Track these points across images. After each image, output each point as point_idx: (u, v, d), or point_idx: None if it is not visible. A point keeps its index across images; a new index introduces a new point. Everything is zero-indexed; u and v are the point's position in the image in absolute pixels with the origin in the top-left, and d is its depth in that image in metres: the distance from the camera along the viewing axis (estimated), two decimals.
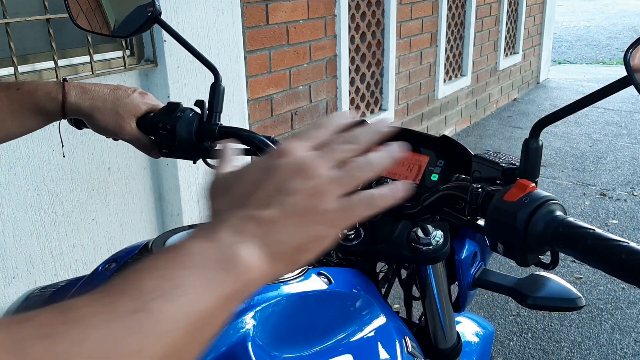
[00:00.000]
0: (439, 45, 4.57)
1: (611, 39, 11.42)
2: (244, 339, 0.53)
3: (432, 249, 0.74)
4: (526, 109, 6.15)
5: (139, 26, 0.91)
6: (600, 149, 4.86)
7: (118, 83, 0.94)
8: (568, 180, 4.17)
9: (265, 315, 0.56)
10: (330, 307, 0.66)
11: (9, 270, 1.95)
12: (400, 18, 3.95)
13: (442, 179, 0.84)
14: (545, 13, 6.89)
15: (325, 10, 3.19)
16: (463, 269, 0.84)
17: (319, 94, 3.30)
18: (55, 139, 1.98)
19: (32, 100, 0.84)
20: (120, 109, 0.87)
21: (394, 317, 0.75)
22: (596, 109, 6.00)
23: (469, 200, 0.64)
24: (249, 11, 2.69)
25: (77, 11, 0.93)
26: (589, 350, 2.36)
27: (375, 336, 0.68)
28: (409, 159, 0.88)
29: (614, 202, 3.78)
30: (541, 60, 7.17)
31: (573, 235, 0.55)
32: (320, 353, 0.61)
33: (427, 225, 0.75)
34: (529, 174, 0.64)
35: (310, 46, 3.15)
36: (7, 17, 1.83)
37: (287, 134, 3.12)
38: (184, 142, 0.89)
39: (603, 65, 9.36)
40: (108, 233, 2.27)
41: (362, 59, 3.70)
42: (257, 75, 2.82)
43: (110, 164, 2.23)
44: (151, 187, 2.44)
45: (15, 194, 1.93)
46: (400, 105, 4.20)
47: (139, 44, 2.28)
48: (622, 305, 2.67)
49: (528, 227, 0.57)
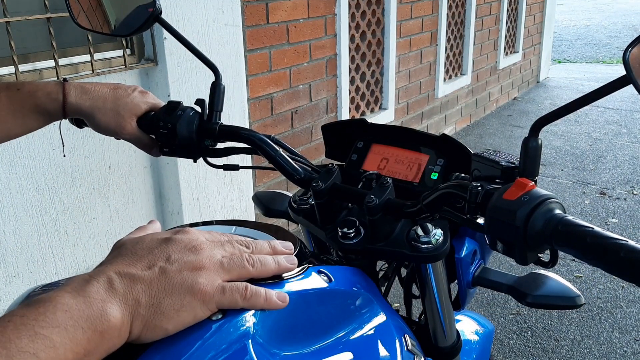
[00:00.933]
0: (439, 44, 4.56)
1: (611, 37, 11.41)
2: (244, 336, 0.53)
3: (431, 247, 0.74)
4: (526, 107, 6.15)
5: (139, 25, 0.91)
6: (600, 148, 4.86)
7: (118, 82, 0.95)
8: (568, 179, 4.17)
9: (266, 313, 0.56)
10: (331, 305, 0.66)
11: (10, 268, 1.95)
12: (401, 17, 3.95)
13: (441, 178, 0.84)
14: (545, 12, 6.89)
15: (325, 9, 3.19)
16: (463, 268, 0.85)
17: (319, 93, 3.30)
18: (56, 138, 1.98)
19: (32, 101, 0.84)
20: (121, 109, 0.87)
21: (393, 315, 0.76)
22: (596, 107, 6.00)
23: (468, 198, 0.64)
24: (249, 10, 2.69)
25: (77, 10, 0.94)
26: (588, 349, 2.36)
27: (375, 334, 0.69)
28: (409, 157, 0.88)
29: (614, 201, 3.79)
30: (541, 59, 7.17)
31: (572, 233, 0.55)
32: (320, 351, 0.61)
33: (427, 223, 0.75)
34: (528, 172, 0.65)
35: (311, 45, 3.15)
36: (7, 16, 1.83)
37: (287, 132, 3.12)
38: (185, 141, 0.89)
39: (603, 64, 9.35)
40: (108, 232, 2.27)
41: (362, 58, 3.70)
42: (257, 74, 2.82)
43: (111, 162, 2.24)
44: (152, 185, 2.44)
45: (16, 192, 1.93)
46: (400, 104, 4.20)
47: (139, 43, 2.28)
48: (622, 303, 2.67)
49: (527, 226, 0.57)
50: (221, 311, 0.54)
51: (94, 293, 0.47)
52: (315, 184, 0.78)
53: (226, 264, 0.54)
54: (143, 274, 0.50)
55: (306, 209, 0.86)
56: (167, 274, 0.51)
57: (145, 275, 0.50)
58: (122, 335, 0.48)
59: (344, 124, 0.96)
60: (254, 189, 2.90)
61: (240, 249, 0.58)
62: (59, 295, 0.45)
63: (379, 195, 0.73)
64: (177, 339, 0.51)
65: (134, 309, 0.48)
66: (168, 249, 0.53)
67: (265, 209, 1.05)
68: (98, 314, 0.45)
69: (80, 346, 0.44)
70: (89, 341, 0.44)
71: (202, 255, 0.53)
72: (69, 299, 0.45)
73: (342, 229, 0.77)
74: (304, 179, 0.82)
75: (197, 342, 0.51)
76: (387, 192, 0.74)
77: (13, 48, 1.84)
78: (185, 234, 0.55)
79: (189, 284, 0.51)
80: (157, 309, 0.49)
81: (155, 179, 2.45)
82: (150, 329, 0.49)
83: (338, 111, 3.48)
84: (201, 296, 0.51)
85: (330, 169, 0.80)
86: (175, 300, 0.50)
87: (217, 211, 2.62)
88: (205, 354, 0.50)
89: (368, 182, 0.81)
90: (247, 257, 0.56)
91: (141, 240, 0.55)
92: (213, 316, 0.53)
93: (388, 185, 0.75)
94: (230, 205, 2.70)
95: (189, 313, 0.51)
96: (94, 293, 0.47)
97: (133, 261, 0.51)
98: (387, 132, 0.92)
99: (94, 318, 0.45)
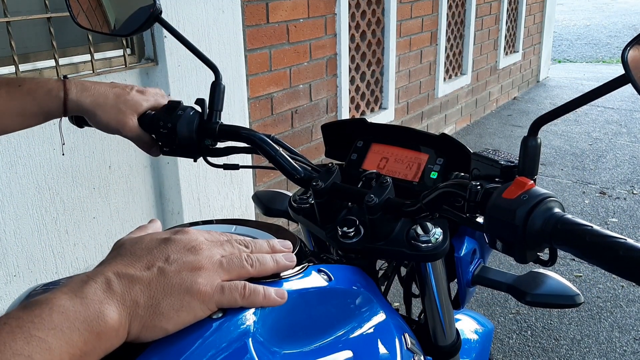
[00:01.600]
0: (439, 44, 4.56)
1: (611, 37, 11.41)
2: (244, 335, 0.53)
3: (431, 246, 0.74)
4: (526, 107, 6.15)
5: (139, 25, 0.91)
6: (600, 148, 4.86)
7: (118, 82, 0.95)
8: (568, 179, 4.18)
9: (266, 311, 0.56)
10: (330, 303, 0.66)
11: (10, 268, 1.96)
12: (401, 17, 3.95)
13: (441, 177, 0.85)
14: (545, 12, 6.89)
15: (325, 9, 3.19)
16: (462, 267, 0.85)
17: (319, 93, 3.30)
18: (56, 137, 1.98)
19: (32, 98, 0.84)
20: (122, 105, 0.87)
21: (393, 314, 0.76)
22: (596, 107, 6.00)
23: (468, 197, 0.64)
24: (249, 10, 2.69)
25: (77, 10, 0.94)
26: (588, 348, 2.36)
27: (375, 333, 0.69)
28: (408, 157, 0.88)
29: (614, 200, 3.79)
30: (541, 59, 7.17)
31: (571, 232, 0.55)
32: (320, 349, 0.61)
33: (427, 222, 0.75)
34: (527, 171, 0.65)
35: (311, 45, 3.15)
36: (8, 16, 1.84)
37: (287, 132, 3.12)
38: (185, 141, 0.89)
39: (603, 63, 9.35)
40: (109, 231, 2.27)
41: (362, 58, 3.70)
42: (257, 74, 2.82)
43: (111, 162, 2.24)
44: (152, 185, 2.44)
45: (17, 192, 1.93)
46: (400, 104, 4.20)
47: (139, 42, 2.28)
48: (622, 303, 2.67)
49: (527, 224, 0.57)
50: (221, 310, 0.54)
51: (92, 294, 0.47)
52: (315, 184, 0.78)
53: (225, 264, 0.54)
54: (142, 275, 0.50)
55: (306, 208, 0.87)
56: (165, 274, 0.51)
57: (144, 276, 0.50)
58: (120, 336, 0.48)
59: (343, 123, 0.96)
60: (254, 188, 2.90)
61: (239, 249, 0.58)
62: (55, 297, 0.45)
63: (379, 194, 0.74)
64: (177, 338, 0.51)
65: (132, 309, 0.48)
66: (167, 249, 0.53)
67: (265, 209, 1.05)
68: (95, 316, 0.45)
69: (76, 348, 0.44)
70: (86, 343, 0.44)
71: (201, 256, 0.53)
72: (66, 300, 0.45)
73: (342, 228, 0.77)
74: (304, 178, 0.82)
75: (197, 340, 0.51)
76: (387, 191, 0.74)
77: (13, 48, 1.84)
78: (184, 234, 0.55)
79: (187, 284, 0.51)
80: (156, 310, 0.49)
81: (155, 178, 2.45)
82: (150, 330, 0.49)
83: (338, 111, 3.49)
84: (200, 296, 0.51)
85: (330, 169, 0.80)
86: (174, 301, 0.50)
87: (217, 211, 2.62)
88: (205, 353, 0.50)
89: (368, 181, 0.82)
90: (245, 256, 0.56)
91: (140, 240, 0.55)
92: (213, 315, 0.53)
93: (388, 184, 0.75)
94: (231, 204, 2.70)
95: (189, 313, 0.51)
96: (91, 294, 0.47)
97: (132, 261, 0.51)
98: (386, 131, 0.92)
99: (91, 319, 0.45)
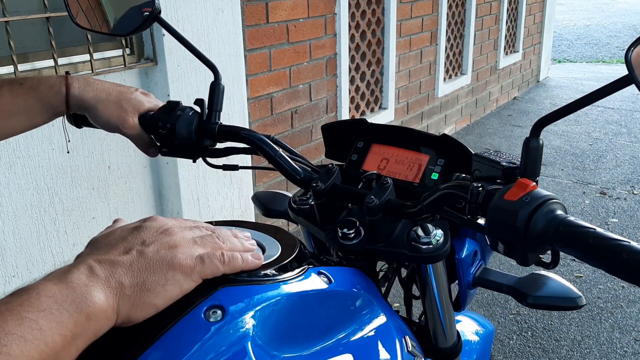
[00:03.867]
0: (439, 44, 4.56)
1: (611, 37, 11.41)
2: (243, 338, 0.52)
3: (432, 248, 0.74)
4: (526, 107, 6.15)
5: (138, 25, 0.91)
6: (600, 148, 4.86)
7: (118, 81, 0.94)
8: (568, 179, 4.17)
9: (265, 314, 0.56)
10: (331, 306, 0.66)
11: (9, 268, 1.95)
12: (401, 16, 3.95)
13: (442, 178, 0.84)
14: (545, 11, 6.89)
15: (325, 9, 3.19)
16: (463, 268, 0.84)
17: (319, 93, 3.29)
18: (56, 137, 1.98)
19: (35, 95, 0.84)
20: (124, 103, 0.87)
21: (394, 316, 0.75)
22: (596, 107, 6.00)
23: (469, 199, 0.64)
24: (249, 9, 2.69)
25: (76, 10, 0.93)
26: (588, 349, 2.36)
27: (376, 335, 0.68)
28: (409, 157, 0.88)
29: (614, 200, 3.78)
30: (541, 59, 7.17)
31: (574, 234, 0.55)
32: (320, 352, 0.61)
33: (428, 224, 0.74)
34: (529, 173, 0.64)
35: (311, 45, 3.14)
36: (6, 16, 1.83)
37: (287, 132, 3.12)
38: (184, 141, 0.89)
39: (603, 63, 9.34)
40: None
41: (362, 58, 3.70)
42: (257, 74, 2.82)
43: (110, 162, 2.23)
44: (151, 185, 2.43)
45: (15, 192, 1.93)
46: (400, 104, 4.20)
47: (138, 42, 2.28)
48: (622, 304, 2.67)
49: (528, 226, 0.57)
50: (220, 310, 0.53)
51: (76, 279, 0.48)
52: (315, 184, 0.78)
53: (199, 242, 0.57)
54: (122, 259, 0.52)
55: (306, 209, 0.86)
56: (145, 255, 0.53)
57: (125, 259, 0.52)
58: (110, 317, 0.49)
59: (343, 123, 0.96)
60: (254, 189, 2.90)
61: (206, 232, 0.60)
62: (41, 284, 0.47)
63: (379, 195, 0.73)
64: (177, 341, 0.51)
65: (118, 290, 0.50)
66: (141, 234, 0.55)
67: (265, 209, 1.05)
68: (82, 297, 0.47)
69: (67, 329, 0.45)
70: (76, 324, 0.45)
71: (175, 236, 0.56)
72: (52, 285, 0.47)
73: (342, 230, 0.77)
74: (304, 179, 0.82)
75: (196, 343, 0.51)
76: (387, 192, 0.74)
77: (12, 47, 1.84)
78: (153, 221, 0.58)
79: (168, 259, 0.53)
80: (143, 287, 0.51)
81: (154, 178, 2.44)
82: (139, 307, 0.51)
83: (338, 111, 3.48)
84: (182, 269, 0.53)
85: (330, 169, 0.80)
86: (158, 277, 0.52)
87: (216, 211, 2.62)
88: (204, 356, 0.50)
89: (368, 182, 0.81)
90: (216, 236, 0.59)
91: (112, 232, 0.57)
92: (212, 317, 0.53)
93: (388, 185, 0.75)
94: (230, 205, 2.69)
95: (175, 286, 0.52)
96: (75, 279, 0.48)
97: (109, 250, 0.53)
98: (387, 132, 0.92)
99: (79, 301, 0.46)
